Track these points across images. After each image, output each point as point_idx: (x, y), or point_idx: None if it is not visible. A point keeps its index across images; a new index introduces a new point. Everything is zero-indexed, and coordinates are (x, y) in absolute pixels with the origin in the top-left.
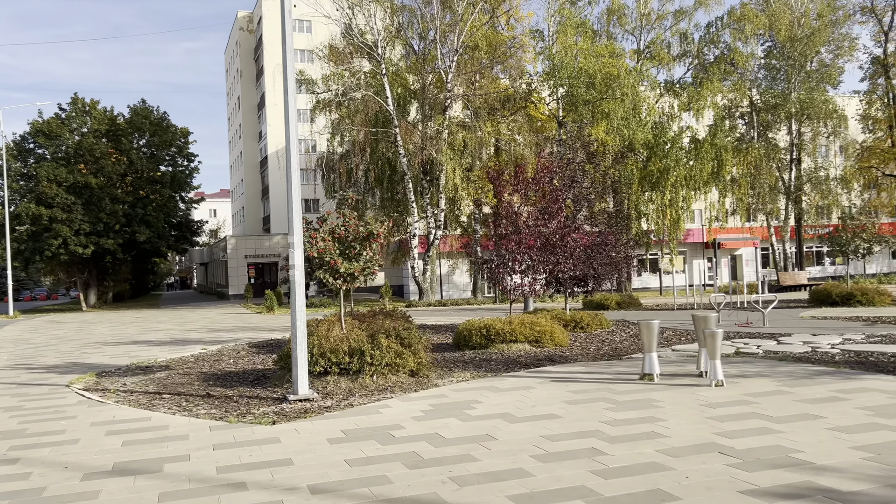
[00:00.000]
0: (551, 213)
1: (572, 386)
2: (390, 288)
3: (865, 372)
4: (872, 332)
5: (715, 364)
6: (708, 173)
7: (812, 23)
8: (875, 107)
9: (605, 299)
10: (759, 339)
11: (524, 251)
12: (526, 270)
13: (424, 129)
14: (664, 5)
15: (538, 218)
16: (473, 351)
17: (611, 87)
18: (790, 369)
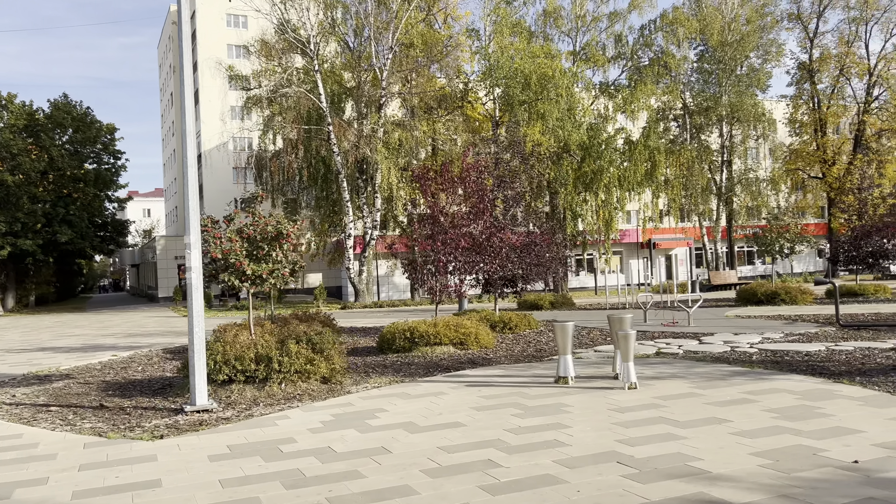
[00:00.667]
0: (478, 213)
1: (486, 391)
2: (325, 290)
3: (779, 372)
4: (791, 330)
5: (628, 366)
6: (642, 174)
7: (742, 28)
8: (801, 111)
9: (539, 299)
10: (682, 339)
11: (450, 252)
12: (452, 271)
13: (360, 127)
14: (599, 7)
15: (465, 218)
16: (397, 355)
17: (546, 87)
18: (706, 370)
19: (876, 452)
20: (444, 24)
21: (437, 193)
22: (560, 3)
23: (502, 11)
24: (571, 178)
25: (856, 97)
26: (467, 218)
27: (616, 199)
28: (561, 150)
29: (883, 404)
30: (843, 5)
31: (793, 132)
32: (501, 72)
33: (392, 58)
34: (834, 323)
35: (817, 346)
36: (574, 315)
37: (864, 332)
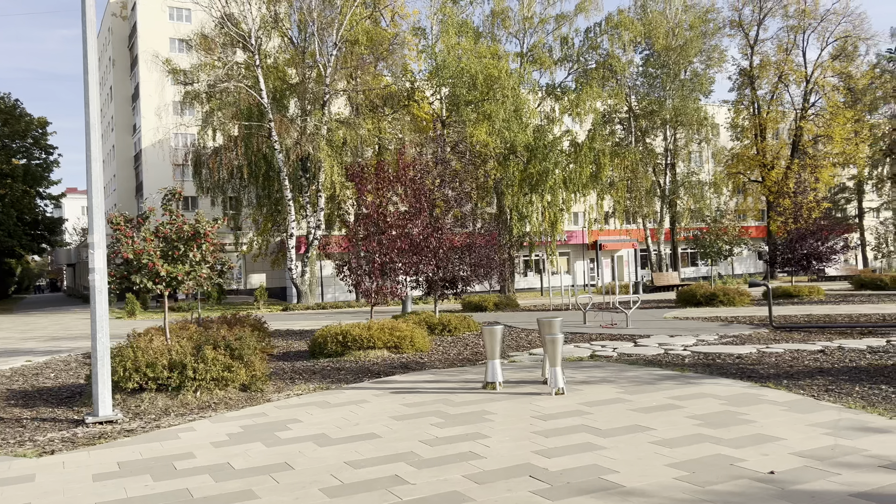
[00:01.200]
0: (416, 213)
1: (410, 398)
2: (266, 291)
3: (708, 376)
4: (726, 332)
5: (555, 371)
6: (587, 176)
7: (685, 33)
8: (742, 116)
9: (484, 301)
10: (618, 342)
11: (386, 252)
12: (388, 272)
13: (303, 124)
14: (546, 9)
15: (403, 218)
16: (328, 359)
17: (492, 88)
18: (637, 374)
19: (793, 462)
20: (392, 22)
21: (373, 192)
22: (508, 4)
23: (448, 10)
24: (517, 179)
25: (793, 103)
26: (405, 218)
27: (562, 201)
28: (507, 152)
29: (806, 409)
30: (782, 14)
31: (734, 137)
32: (448, 71)
33: (336, 54)
34: (768, 325)
35: (749, 348)
36: (516, 316)
37: (795, 334)
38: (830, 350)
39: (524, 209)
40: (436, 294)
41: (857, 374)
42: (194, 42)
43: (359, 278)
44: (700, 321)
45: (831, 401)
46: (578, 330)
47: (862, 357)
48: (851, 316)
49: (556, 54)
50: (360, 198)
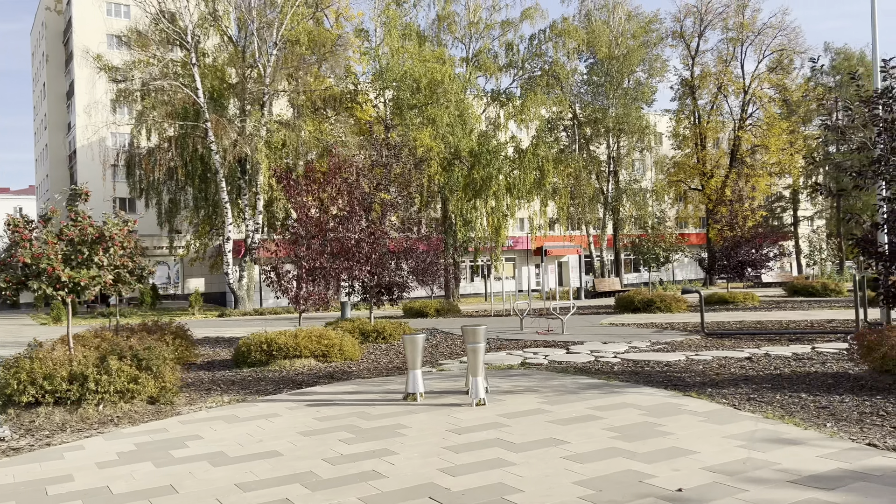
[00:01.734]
0: (347, 216)
1: (326, 411)
2: (201, 297)
3: (633, 385)
4: (658, 339)
5: (476, 382)
6: (531, 182)
7: (628, 43)
8: (683, 125)
9: (425, 306)
10: (551, 349)
11: (315, 257)
12: (316, 278)
13: (243, 125)
14: (492, 15)
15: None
16: (251, 369)
17: (436, 92)
18: (563, 382)
19: (703, 478)
20: (336, 24)
21: (303, 195)
22: (454, 9)
23: (392, 13)
24: (461, 184)
25: (732, 114)
26: (337, 221)
27: (506, 207)
28: (452, 157)
29: (724, 420)
30: (721, 26)
31: (676, 146)
32: (391, 74)
33: (277, 54)
34: (700, 332)
35: (678, 355)
36: (456, 323)
37: (726, 341)
38: (757, 357)
39: (468, 215)
40: (371, 300)
41: (779, 382)
42: (129, 38)
43: (285, 285)
44: (635, 327)
45: (751, 410)
46: (514, 336)
47: (787, 364)
48: (781, 322)
49: (502, 60)
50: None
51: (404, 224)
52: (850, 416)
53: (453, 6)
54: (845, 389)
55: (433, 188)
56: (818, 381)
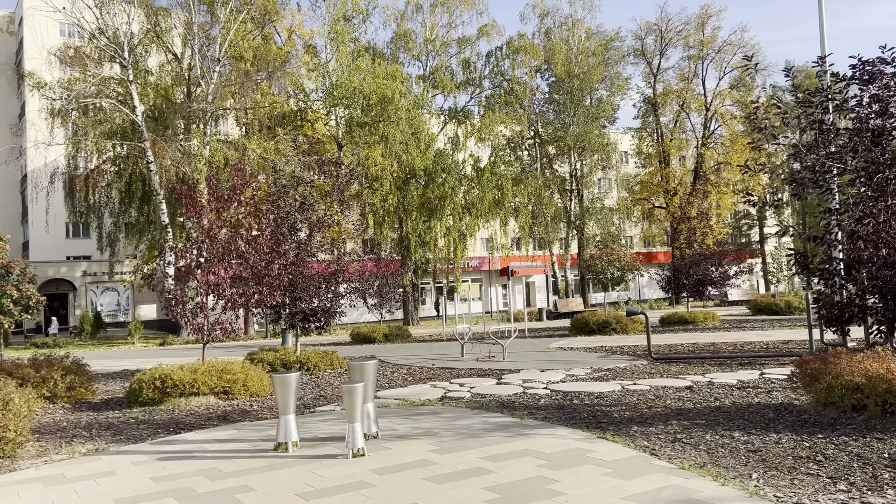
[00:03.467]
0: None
1: (173, 467)
2: (141, 324)
3: (549, 424)
4: (602, 365)
5: (353, 429)
6: (490, 202)
7: (588, 60)
8: (646, 143)
9: (373, 332)
10: (483, 378)
11: (215, 283)
12: (226, 305)
13: (187, 144)
14: (449, 32)
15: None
16: (142, 408)
17: (387, 109)
18: (471, 423)
19: None
20: (289, 41)
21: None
22: (410, 27)
23: (340, 28)
24: (416, 203)
25: (695, 131)
26: (248, 242)
27: (465, 226)
28: (407, 176)
29: (632, 473)
30: (682, 44)
31: (639, 164)
32: (340, 91)
33: (220, 71)
34: (648, 356)
35: (614, 385)
36: (400, 349)
37: (673, 366)
38: (699, 386)
39: (425, 235)
40: (295, 328)
41: (716, 417)
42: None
43: (180, 312)
44: (583, 352)
45: (669, 458)
46: (451, 364)
47: (729, 394)
48: (737, 344)
49: (459, 78)
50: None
51: (334, 244)
52: (782, 463)
53: (410, 24)
54: (785, 425)
55: (388, 208)
56: (758, 416)
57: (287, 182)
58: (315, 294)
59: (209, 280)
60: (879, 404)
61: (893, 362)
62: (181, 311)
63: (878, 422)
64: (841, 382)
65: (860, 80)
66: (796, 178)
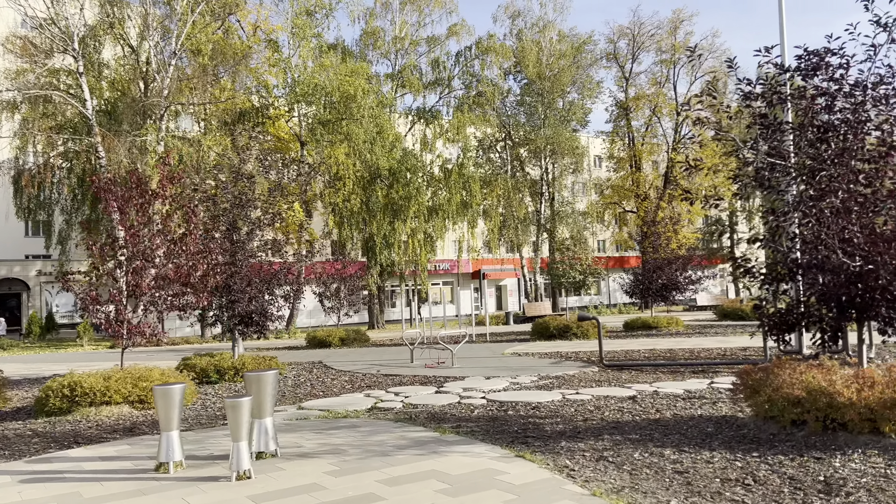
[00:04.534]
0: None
1: (34, 491)
2: (90, 326)
3: (469, 440)
4: (550, 372)
5: (237, 448)
6: (457, 203)
7: (560, 62)
8: (618, 146)
9: (329, 335)
10: (424, 386)
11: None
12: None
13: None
14: (418, 31)
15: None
16: (49, 418)
17: (349, 107)
18: (386, 438)
19: None
20: (254, 36)
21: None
22: (379, 25)
23: (302, 23)
24: (381, 204)
25: (666, 136)
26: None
27: (432, 228)
28: (372, 176)
29: (536, 501)
30: (655, 48)
31: (611, 168)
32: (302, 88)
33: (177, 64)
34: (600, 363)
35: (556, 394)
36: (352, 354)
37: (624, 374)
38: (643, 396)
39: (389, 236)
40: (233, 332)
41: (651, 432)
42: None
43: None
44: (537, 357)
45: (585, 481)
46: (397, 371)
47: (672, 405)
48: (694, 350)
49: (428, 77)
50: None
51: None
52: (708, 487)
53: (379, 22)
54: (722, 441)
55: (351, 208)
56: (696, 430)
57: (226, 178)
58: (252, 296)
59: (129, 281)
60: (820, 420)
61: (836, 374)
62: (94, 313)
63: (818, 439)
64: (781, 395)
65: (804, 71)
66: (738, 176)
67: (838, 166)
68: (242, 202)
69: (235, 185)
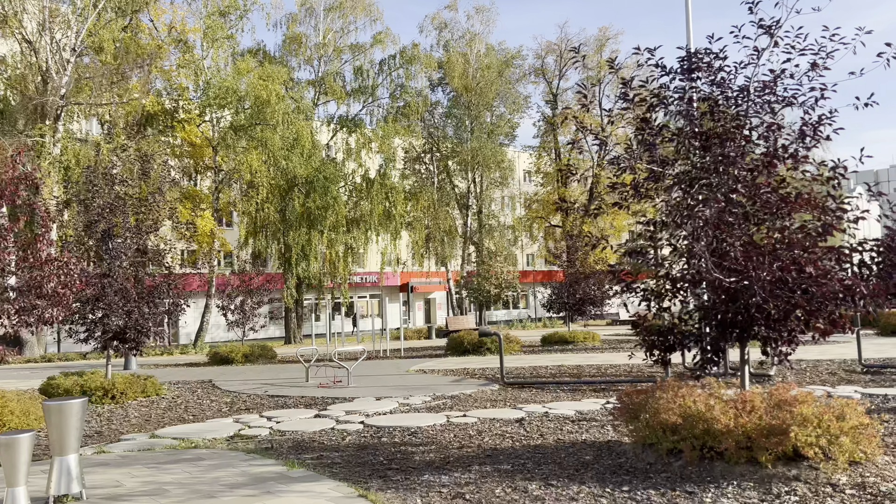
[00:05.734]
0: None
1: None
2: None
3: (317, 475)
4: (448, 391)
5: (13, 495)
6: (379, 214)
7: (487, 75)
8: (545, 161)
9: (232, 351)
10: (307, 409)
11: None
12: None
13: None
14: (342, 38)
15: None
16: None
17: (263, 112)
18: (226, 474)
19: None
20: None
21: None
22: (302, 30)
23: (214, 23)
24: (298, 213)
25: (591, 152)
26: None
27: (352, 239)
28: (289, 184)
29: None
30: (581, 66)
31: (539, 183)
32: (215, 91)
33: (75, 62)
34: (500, 381)
35: (441, 417)
36: (247, 373)
37: (524, 392)
38: (532, 418)
39: (307, 248)
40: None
41: (525, 462)
42: None
43: None
44: (441, 375)
45: None
46: (286, 392)
47: (559, 429)
48: (601, 367)
49: (352, 86)
50: None
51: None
52: None
53: (302, 27)
54: (596, 473)
55: (266, 217)
56: (574, 458)
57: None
58: (128, 311)
59: None
60: (697, 448)
61: (715, 397)
62: None
63: (694, 469)
64: (658, 421)
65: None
66: (616, 185)
67: (720, 175)
68: (116, 208)
69: (112, 188)
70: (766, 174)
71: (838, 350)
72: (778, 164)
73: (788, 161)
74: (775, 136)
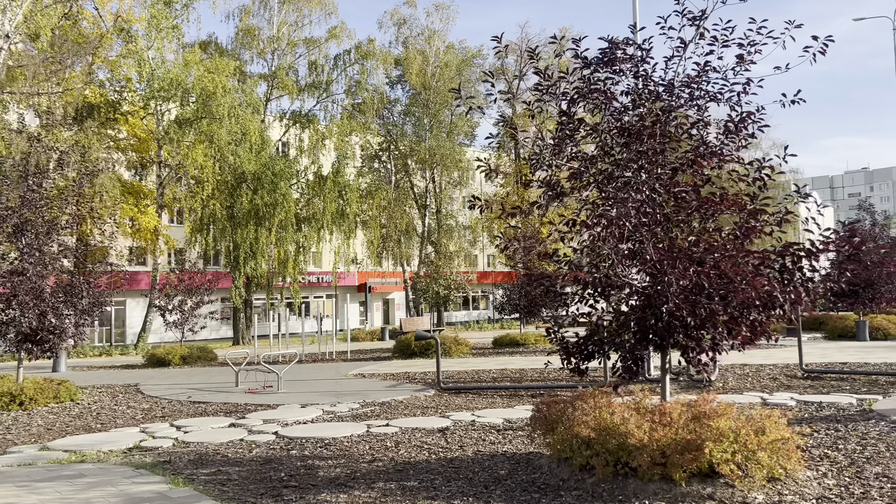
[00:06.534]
0: None
1: None
2: None
3: (205, 496)
4: (380, 397)
5: None
6: (332, 212)
7: (446, 74)
8: (504, 162)
9: (168, 353)
10: (225, 416)
11: None
12: None
13: None
14: (296, 31)
15: None
16: None
17: (209, 105)
18: (101, 494)
19: None
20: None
21: None
22: (255, 23)
23: (158, 12)
24: (245, 210)
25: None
26: None
27: (304, 238)
28: (237, 180)
29: None
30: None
31: (498, 183)
32: (159, 82)
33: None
34: (437, 386)
35: (361, 427)
36: (178, 376)
37: (459, 398)
38: (458, 427)
39: (254, 245)
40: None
41: (435, 477)
42: None
43: None
44: (379, 379)
45: None
46: (210, 397)
47: (482, 439)
48: (544, 371)
49: (306, 81)
50: None
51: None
52: None
53: (255, 20)
54: (506, 489)
55: (211, 213)
56: (488, 472)
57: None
58: (43, 312)
59: None
60: (610, 464)
61: (632, 409)
62: None
63: (607, 487)
64: (572, 434)
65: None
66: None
67: (638, 172)
68: (28, 202)
69: (26, 180)
70: (692, 173)
71: (784, 354)
72: (703, 162)
73: (714, 160)
74: (701, 134)
